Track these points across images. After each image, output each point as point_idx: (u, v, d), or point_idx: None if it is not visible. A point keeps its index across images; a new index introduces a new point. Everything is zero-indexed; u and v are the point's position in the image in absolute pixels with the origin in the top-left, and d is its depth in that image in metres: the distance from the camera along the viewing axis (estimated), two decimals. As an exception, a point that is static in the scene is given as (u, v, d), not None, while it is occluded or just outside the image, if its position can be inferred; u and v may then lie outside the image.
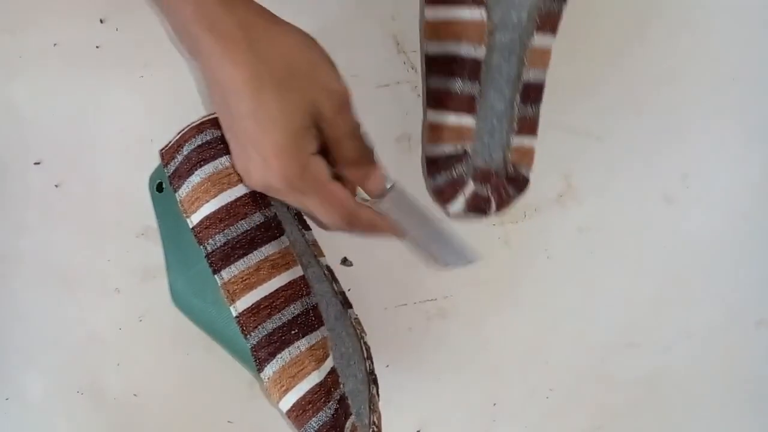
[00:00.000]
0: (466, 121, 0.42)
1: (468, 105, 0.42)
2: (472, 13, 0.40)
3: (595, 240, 0.49)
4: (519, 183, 0.44)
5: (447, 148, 0.42)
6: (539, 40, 0.42)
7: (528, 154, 0.44)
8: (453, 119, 0.42)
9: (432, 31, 0.42)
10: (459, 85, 0.41)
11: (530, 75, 0.42)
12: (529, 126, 0.43)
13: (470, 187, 0.42)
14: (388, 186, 0.39)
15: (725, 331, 0.50)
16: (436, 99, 0.43)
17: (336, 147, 0.35)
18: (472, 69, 0.41)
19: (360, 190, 0.39)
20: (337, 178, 0.36)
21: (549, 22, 0.42)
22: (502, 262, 0.48)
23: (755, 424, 0.51)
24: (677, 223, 0.49)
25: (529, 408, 0.49)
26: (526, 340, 0.49)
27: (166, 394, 0.47)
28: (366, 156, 0.37)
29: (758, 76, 0.49)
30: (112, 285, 0.46)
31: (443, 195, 0.43)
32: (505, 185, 0.43)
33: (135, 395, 0.46)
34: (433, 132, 0.43)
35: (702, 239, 0.49)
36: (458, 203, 0.43)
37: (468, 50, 0.41)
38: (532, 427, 0.49)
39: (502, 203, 0.44)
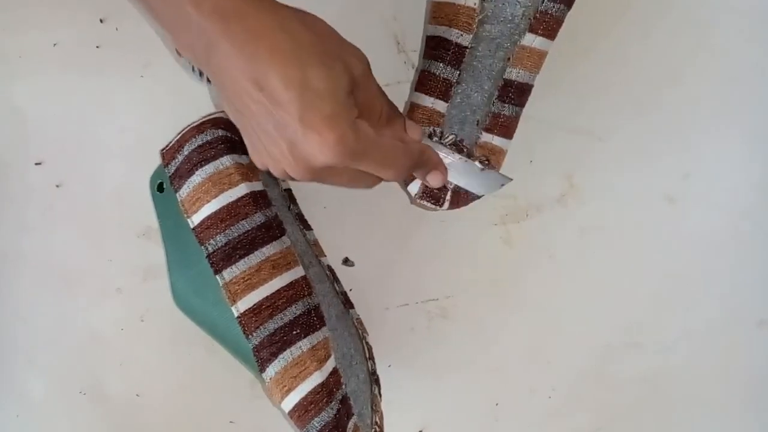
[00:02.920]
0: (439, 105, 0.42)
1: (444, 90, 0.41)
2: None
3: (596, 240, 0.48)
4: None
5: None
6: (530, 40, 0.41)
7: (495, 155, 0.43)
8: (428, 101, 0.42)
9: (433, 13, 0.42)
10: (440, 69, 0.41)
11: (514, 73, 0.42)
12: (502, 126, 0.42)
13: None
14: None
15: (727, 331, 0.50)
16: (419, 80, 0.43)
17: (369, 108, 0.35)
18: (455, 54, 0.41)
19: None
20: None
21: (544, 24, 0.41)
22: (504, 262, 0.48)
23: (756, 424, 0.51)
24: (679, 222, 0.49)
25: (531, 408, 0.49)
26: (528, 339, 0.48)
27: (167, 394, 0.47)
28: (395, 111, 0.38)
29: (760, 75, 0.49)
30: (114, 285, 0.46)
31: None
32: None
33: (137, 395, 0.46)
34: (409, 112, 0.42)
35: (704, 239, 0.49)
36: (415, 185, 0.42)
37: (455, 35, 0.41)
38: (534, 427, 0.49)
39: (459, 199, 0.42)
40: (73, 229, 0.46)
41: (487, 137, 0.42)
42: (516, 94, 0.42)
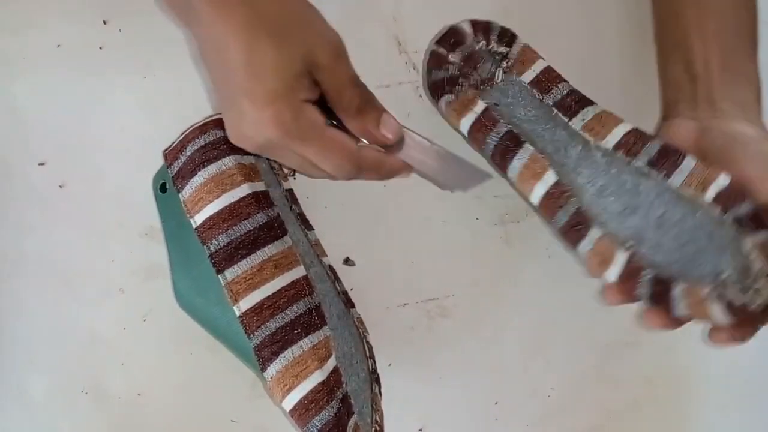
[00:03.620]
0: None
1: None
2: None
3: (596, 240, 0.48)
4: None
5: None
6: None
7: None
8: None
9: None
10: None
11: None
12: None
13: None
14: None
15: (727, 330, 0.50)
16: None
17: (337, 96, 0.35)
18: (573, 102, 0.43)
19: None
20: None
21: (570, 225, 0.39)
22: (504, 261, 0.48)
23: (756, 424, 0.51)
24: (679, 222, 0.49)
25: (531, 407, 0.49)
26: (528, 339, 0.49)
27: (169, 394, 0.47)
28: (370, 102, 0.36)
29: (760, 75, 0.49)
30: (116, 285, 0.46)
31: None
32: None
33: (139, 395, 0.47)
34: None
35: (703, 239, 0.49)
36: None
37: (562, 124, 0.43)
38: (533, 426, 0.49)
39: None
40: (75, 229, 0.46)
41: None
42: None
